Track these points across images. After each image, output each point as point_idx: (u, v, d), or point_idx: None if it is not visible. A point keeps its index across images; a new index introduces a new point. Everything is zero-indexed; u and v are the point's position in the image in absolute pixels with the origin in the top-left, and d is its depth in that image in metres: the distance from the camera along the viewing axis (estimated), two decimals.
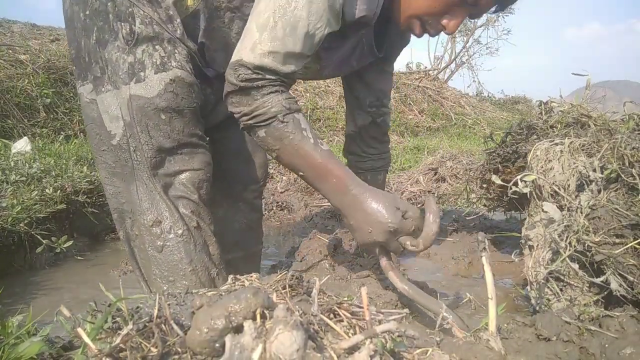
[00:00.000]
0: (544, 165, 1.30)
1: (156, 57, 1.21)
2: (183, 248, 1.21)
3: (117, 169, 1.26)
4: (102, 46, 1.21)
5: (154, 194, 1.23)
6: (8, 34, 5.38)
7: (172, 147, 1.24)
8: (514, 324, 1.03)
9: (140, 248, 1.26)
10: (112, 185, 1.29)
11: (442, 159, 3.61)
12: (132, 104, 1.20)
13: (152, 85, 1.20)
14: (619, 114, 1.49)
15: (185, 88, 1.24)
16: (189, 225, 1.23)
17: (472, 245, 1.99)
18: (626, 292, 1.02)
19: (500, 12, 1.38)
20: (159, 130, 1.22)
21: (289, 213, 2.91)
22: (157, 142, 1.22)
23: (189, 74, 1.26)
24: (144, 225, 1.23)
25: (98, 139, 1.28)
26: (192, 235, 1.23)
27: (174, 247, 1.21)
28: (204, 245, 1.26)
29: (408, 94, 8.37)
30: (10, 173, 2.21)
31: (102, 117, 1.24)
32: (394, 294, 1.44)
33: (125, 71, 1.20)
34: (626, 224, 1.04)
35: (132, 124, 1.20)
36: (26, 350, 0.69)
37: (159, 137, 1.22)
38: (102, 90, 1.23)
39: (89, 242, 2.33)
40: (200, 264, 1.22)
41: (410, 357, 0.70)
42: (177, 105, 1.23)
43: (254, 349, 0.56)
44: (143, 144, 1.21)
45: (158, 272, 1.23)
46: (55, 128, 4.00)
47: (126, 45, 1.20)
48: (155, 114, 1.21)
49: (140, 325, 0.66)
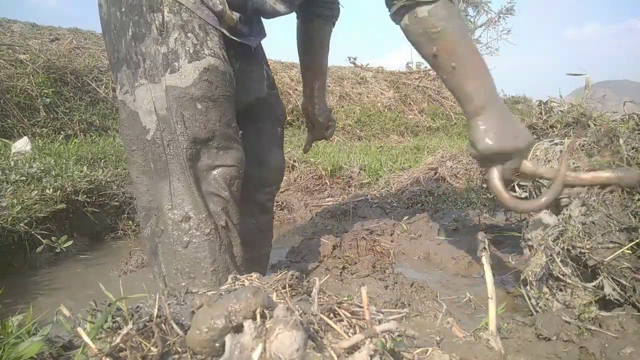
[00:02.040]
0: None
1: (189, 46, 1.20)
2: (208, 247, 1.20)
3: (147, 166, 1.26)
4: (139, 40, 1.20)
5: (186, 188, 1.21)
6: (8, 34, 5.38)
7: (207, 138, 1.22)
8: (514, 323, 1.03)
9: (164, 243, 1.25)
10: (142, 184, 1.29)
11: (442, 159, 3.61)
12: (169, 95, 1.18)
13: (186, 74, 1.19)
14: (619, 114, 1.49)
15: (220, 76, 1.23)
16: (217, 224, 1.23)
17: (472, 245, 1.99)
18: (620, 297, 1.02)
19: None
20: (194, 121, 1.20)
21: (289, 213, 2.91)
22: (193, 132, 1.20)
23: (222, 61, 1.25)
24: (173, 220, 1.21)
25: (128, 140, 1.28)
26: (219, 235, 1.22)
27: (200, 245, 1.20)
28: (229, 245, 1.26)
29: (408, 94, 8.38)
30: (10, 173, 2.21)
31: (134, 115, 1.23)
32: (393, 293, 1.44)
33: (161, 62, 1.19)
34: (620, 228, 1.04)
35: (168, 116, 1.19)
36: (26, 349, 0.69)
37: (195, 128, 1.20)
38: (136, 85, 1.22)
39: (89, 241, 2.32)
40: (222, 264, 1.22)
41: (410, 357, 0.70)
42: (212, 94, 1.21)
43: (254, 348, 0.56)
44: (179, 135, 1.19)
45: (180, 267, 1.22)
46: (55, 128, 4.00)
47: (159, 36, 1.19)
48: (191, 103, 1.19)
49: (140, 324, 0.66)
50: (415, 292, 1.46)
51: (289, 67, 7.40)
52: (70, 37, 5.73)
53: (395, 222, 2.40)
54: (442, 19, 1.06)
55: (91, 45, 5.67)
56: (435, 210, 2.63)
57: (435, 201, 2.83)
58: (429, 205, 2.76)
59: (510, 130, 1.14)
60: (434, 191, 2.97)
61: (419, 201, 2.88)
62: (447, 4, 1.08)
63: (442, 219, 2.45)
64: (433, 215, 2.50)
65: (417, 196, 2.94)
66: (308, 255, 1.89)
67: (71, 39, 5.64)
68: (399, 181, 3.39)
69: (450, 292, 1.60)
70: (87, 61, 5.13)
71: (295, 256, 1.91)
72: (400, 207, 2.85)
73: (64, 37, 5.76)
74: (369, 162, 3.88)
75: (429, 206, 2.75)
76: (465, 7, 10.61)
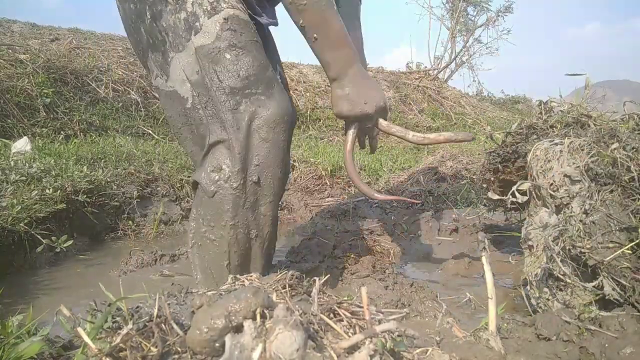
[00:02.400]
0: (543, 165, 1.30)
1: (205, 4, 1.20)
2: (232, 201, 1.19)
3: (194, 135, 1.25)
4: (158, 19, 1.21)
5: (225, 142, 1.20)
6: (8, 34, 5.37)
7: (244, 86, 1.20)
8: (513, 323, 1.03)
9: (197, 194, 1.26)
10: (193, 155, 1.29)
11: (442, 159, 3.61)
12: (199, 55, 1.19)
13: (209, 30, 1.19)
14: (619, 114, 1.49)
15: (242, 24, 1.22)
16: (247, 179, 1.20)
17: (472, 245, 2.00)
18: (620, 297, 1.02)
19: None
20: (227, 72, 1.19)
21: (289, 213, 2.91)
22: (228, 84, 1.19)
23: (242, 11, 1.25)
24: (205, 170, 1.21)
25: (172, 121, 1.28)
26: (246, 191, 1.20)
27: (224, 198, 1.19)
28: (254, 203, 1.22)
29: (408, 94, 8.37)
30: (10, 172, 2.21)
31: (170, 95, 1.24)
32: (393, 293, 1.44)
33: (183, 29, 1.20)
34: (620, 228, 1.04)
35: (200, 79, 1.19)
36: (26, 349, 0.69)
37: (230, 79, 1.19)
38: (168, 61, 1.23)
39: (89, 241, 2.32)
40: (242, 220, 1.21)
41: (410, 357, 0.70)
42: (239, 41, 1.20)
43: (254, 348, 0.56)
44: (215, 91, 1.19)
45: (202, 212, 1.23)
46: (55, 128, 3.99)
47: (176, 5, 1.20)
48: (220, 56, 1.19)
49: (140, 324, 0.66)
50: (415, 292, 1.46)
51: (288, 67, 7.40)
52: (70, 37, 5.73)
53: (395, 222, 2.40)
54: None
55: (91, 45, 5.67)
56: (435, 210, 2.63)
57: (435, 201, 2.83)
58: (429, 205, 2.76)
59: (362, 97, 1.27)
60: (434, 191, 2.97)
61: (418, 201, 2.87)
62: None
63: (442, 219, 2.45)
64: (433, 215, 2.50)
65: (417, 196, 2.94)
66: (308, 255, 1.89)
67: (71, 39, 5.64)
68: (399, 181, 3.39)
69: (450, 292, 1.60)
70: (87, 61, 5.13)
71: (295, 256, 1.91)
72: (400, 207, 2.85)
73: (64, 37, 5.75)
74: (369, 162, 3.88)
75: (429, 206, 2.75)
76: (465, 6, 10.61)
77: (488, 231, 2.13)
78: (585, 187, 1.16)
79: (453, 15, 10.72)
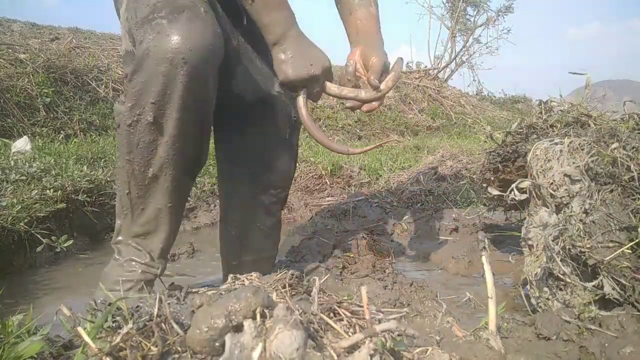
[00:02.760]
0: (543, 165, 1.31)
1: None
2: (126, 138, 1.16)
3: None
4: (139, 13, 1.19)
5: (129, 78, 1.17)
6: (8, 33, 5.37)
7: (150, 11, 1.11)
8: (513, 323, 1.03)
9: None
10: None
11: (442, 158, 3.61)
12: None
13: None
14: (619, 114, 1.49)
15: None
16: (141, 118, 1.12)
17: (472, 245, 1.99)
18: (620, 296, 1.02)
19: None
20: (141, 4, 1.14)
21: (289, 213, 2.91)
22: (139, 15, 1.13)
23: None
24: (120, 100, 1.24)
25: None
26: (138, 130, 1.14)
27: (121, 133, 1.18)
28: (151, 143, 1.15)
29: (408, 93, 8.37)
30: (10, 172, 2.21)
31: (128, 53, 1.24)
32: (393, 293, 1.44)
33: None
34: (620, 227, 1.04)
35: (129, 24, 1.19)
36: (26, 349, 0.69)
37: (141, 10, 1.14)
38: (121, 19, 1.25)
39: (89, 241, 2.32)
40: (137, 159, 1.17)
41: (410, 356, 0.70)
42: None
43: (254, 348, 0.56)
44: (133, 28, 1.15)
45: (119, 144, 1.23)
46: (55, 127, 3.99)
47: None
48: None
49: (140, 324, 0.66)
50: (414, 291, 1.46)
51: None
52: (70, 37, 5.73)
53: (395, 222, 2.40)
54: None
55: (91, 45, 5.67)
56: (435, 210, 2.63)
57: (435, 201, 2.83)
58: (429, 205, 2.76)
59: (306, 59, 1.21)
60: (434, 190, 2.97)
61: (419, 201, 2.87)
62: None
63: (442, 218, 2.45)
64: (433, 215, 2.50)
65: (417, 196, 2.94)
66: (308, 255, 1.89)
67: (71, 39, 5.64)
68: (399, 180, 3.39)
69: (450, 291, 1.60)
70: (87, 61, 5.13)
71: (295, 256, 1.91)
72: (400, 206, 2.84)
73: (63, 36, 5.75)
74: (368, 161, 3.88)
75: (429, 206, 2.74)
76: (465, 6, 10.61)
77: (488, 231, 2.13)
78: (585, 187, 1.16)
79: (453, 15, 10.72)
